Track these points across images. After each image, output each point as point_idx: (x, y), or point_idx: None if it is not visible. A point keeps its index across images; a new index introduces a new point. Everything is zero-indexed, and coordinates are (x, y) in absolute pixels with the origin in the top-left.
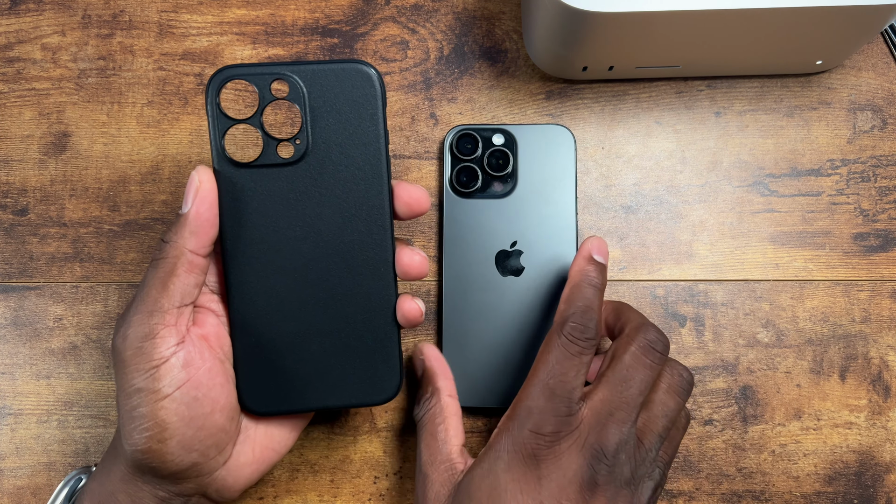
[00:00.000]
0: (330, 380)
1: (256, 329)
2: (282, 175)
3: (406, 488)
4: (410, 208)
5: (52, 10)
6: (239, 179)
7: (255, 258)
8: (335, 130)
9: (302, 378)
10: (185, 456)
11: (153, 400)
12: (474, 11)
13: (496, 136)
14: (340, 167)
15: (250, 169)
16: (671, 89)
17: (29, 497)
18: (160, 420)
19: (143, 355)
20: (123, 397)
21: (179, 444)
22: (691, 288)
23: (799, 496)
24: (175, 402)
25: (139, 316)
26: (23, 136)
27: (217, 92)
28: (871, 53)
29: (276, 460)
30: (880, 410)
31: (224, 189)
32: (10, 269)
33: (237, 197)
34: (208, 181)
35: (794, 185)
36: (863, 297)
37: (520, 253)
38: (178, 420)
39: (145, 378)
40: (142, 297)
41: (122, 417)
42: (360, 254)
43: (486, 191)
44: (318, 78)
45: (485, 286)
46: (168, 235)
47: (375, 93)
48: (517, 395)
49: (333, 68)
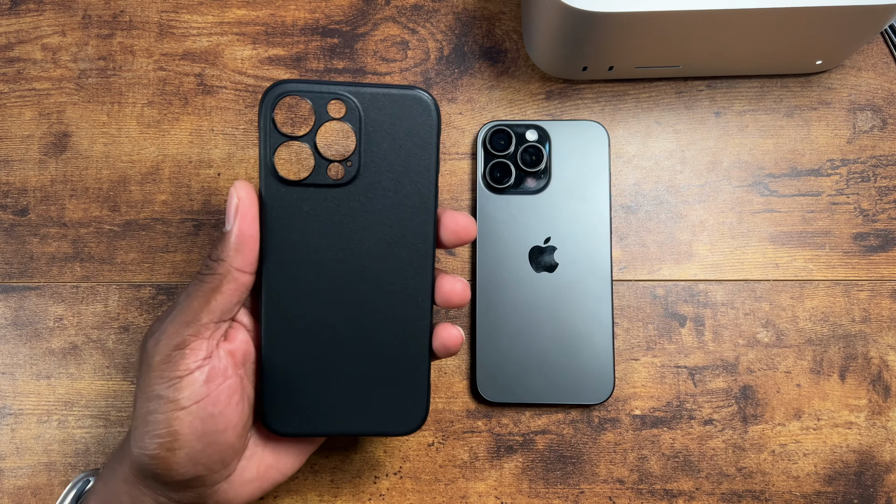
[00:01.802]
0: (355, 406)
1: (287, 349)
2: (328, 196)
3: (406, 488)
4: (458, 237)
5: (52, 11)
6: (286, 197)
7: (293, 277)
8: (387, 156)
9: (327, 402)
10: (190, 468)
11: (170, 409)
12: (474, 11)
13: (529, 132)
14: (389, 193)
15: (298, 187)
16: (671, 89)
17: (29, 497)
18: (173, 430)
19: (169, 363)
20: (142, 400)
21: (187, 456)
22: (691, 288)
23: (799, 496)
24: (191, 416)
25: (175, 325)
26: (23, 136)
27: (272, 106)
28: (871, 53)
29: (281, 481)
30: (880, 410)
31: (269, 205)
32: (10, 269)
33: (282, 214)
34: (247, 196)
35: (794, 185)
36: (863, 297)
37: (553, 249)
38: (191, 433)
39: (167, 387)
40: (182, 307)
41: (137, 419)
42: (398, 282)
43: (520, 187)
44: (376, 102)
45: (518, 282)
46: (214, 254)
47: (432, 122)
48: None
49: (393, 93)
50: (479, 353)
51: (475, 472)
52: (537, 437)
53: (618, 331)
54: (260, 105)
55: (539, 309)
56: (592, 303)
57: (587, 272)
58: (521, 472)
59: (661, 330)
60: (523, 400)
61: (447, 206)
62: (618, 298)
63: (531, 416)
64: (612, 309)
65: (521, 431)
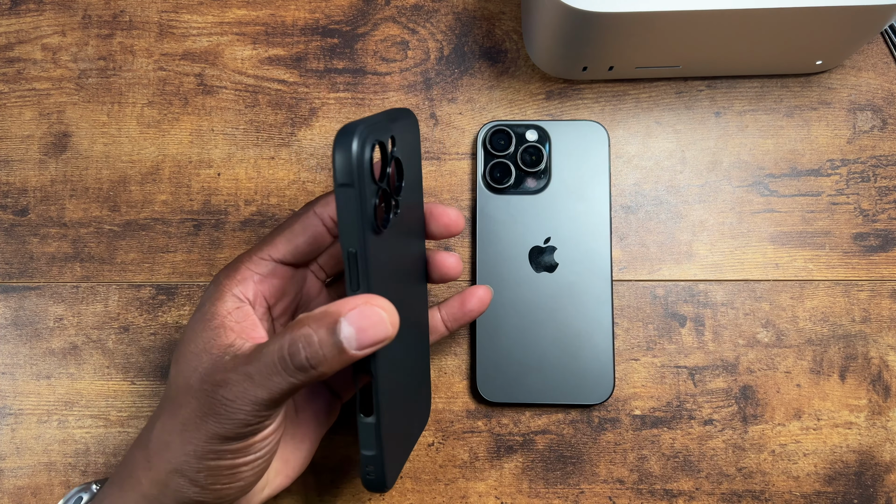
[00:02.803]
0: None
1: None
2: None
3: (406, 488)
4: (448, 229)
5: (52, 11)
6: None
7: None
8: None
9: None
10: (238, 494)
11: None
12: (474, 11)
13: (529, 132)
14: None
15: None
16: (671, 89)
17: (29, 497)
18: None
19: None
20: (214, 456)
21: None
22: (691, 288)
23: (799, 496)
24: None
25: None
26: (23, 136)
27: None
28: (871, 53)
29: (287, 485)
30: (880, 410)
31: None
32: (10, 269)
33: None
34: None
35: (794, 185)
36: (863, 297)
37: (553, 249)
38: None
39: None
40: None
41: (204, 470)
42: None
43: (520, 187)
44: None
45: (518, 282)
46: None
47: (418, 135)
48: None
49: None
50: (479, 353)
51: (475, 472)
52: (537, 437)
53: (618, 331)
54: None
55: (539, 309)
56: (592, 303)
57: (587, 272)
58: (521, 472)
59: (661, 330)
60: (523, 400)
61: (447, 205)
62: (618, 298)
63: (531, 416)
64: (612, 309)
65: (521, 431)
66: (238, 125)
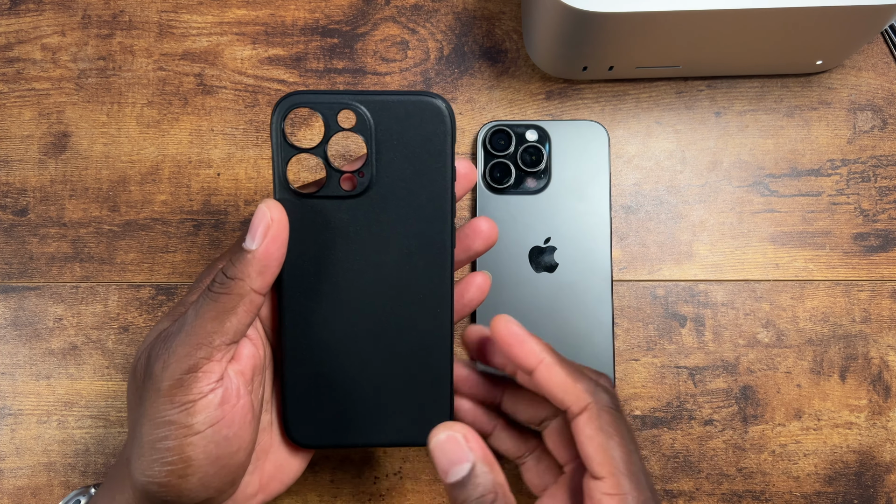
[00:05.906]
0: (377, 417)
1: (309, 361)
2: (343, 207)
3: (406, 488)
4: (486, 244)
5: (52, 11)
6: (299, 210)
7: (312, 290)
8: (400, 165)
9: (350, 414)
10: (201, 492)
11: (183, 435)
12: (474, 11)
13: (529, 133)
14: (403, 202)
15: (312, 200)
16: (671, 89)
17: (29, 497)
18: (186, 456)
19: (182, 388)
20: (149, 426)
21: (200, 481)
22: (691, 288)
23: (799, 496)
24: (205, 440)
25: (185, 347)
26: (23, 136)
27: (282, 118)
28: (871, 53)
29: (282, 490)
30: (880, 410)
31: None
32: (10, 269)
33: (296, 227)
34: (281, 220)
35: (794, 185)
36: (863, 297)
37: (553, 249)
38: (205, 458)
39: (179, 412)
40: (192, 327)
41: (143, 446)
42: (417, 291)
43: (520, 187)
44: (387, 110)
45: (518, 282)
46: (232, 271)
47: (445, 129)
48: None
49: (403, 100)
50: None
51: None
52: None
53: (618, 331)
54: (271, 118)
55: (539, 309)
56: (592, 303)
57: (587, 272)
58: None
59: (662, 330)
60: None
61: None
62: (618, 298)
63: None
64: (612, 309)
65: None
66: (238, 125)
